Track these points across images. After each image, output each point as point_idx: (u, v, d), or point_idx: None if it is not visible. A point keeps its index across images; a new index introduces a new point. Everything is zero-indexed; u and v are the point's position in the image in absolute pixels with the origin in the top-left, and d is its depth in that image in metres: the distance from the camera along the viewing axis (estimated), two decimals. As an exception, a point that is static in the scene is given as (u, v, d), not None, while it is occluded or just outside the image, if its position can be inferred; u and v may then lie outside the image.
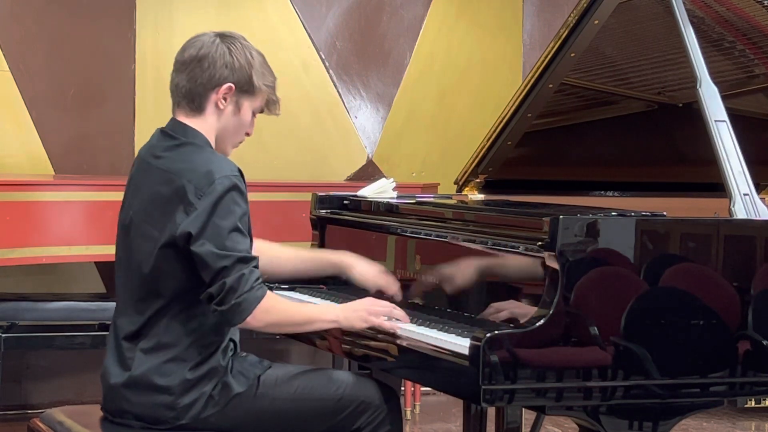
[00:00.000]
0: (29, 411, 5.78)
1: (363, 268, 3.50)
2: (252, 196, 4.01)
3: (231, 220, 3.01)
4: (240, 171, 3.09)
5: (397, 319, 3.20)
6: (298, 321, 3.18)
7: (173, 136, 3.14)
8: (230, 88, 3.12)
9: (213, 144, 3.16)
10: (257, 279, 3.03)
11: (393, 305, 3.25)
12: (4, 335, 5.12)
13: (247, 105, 3.16)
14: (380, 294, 3.42)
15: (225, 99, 3.13)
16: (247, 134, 3.23)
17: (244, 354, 3.22)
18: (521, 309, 3.01)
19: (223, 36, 3.15)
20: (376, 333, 3.24)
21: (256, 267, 3.04)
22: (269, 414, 3.13)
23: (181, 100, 3.15)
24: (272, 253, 3.52)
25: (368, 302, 3.24)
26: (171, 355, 3.06)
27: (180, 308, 3.07)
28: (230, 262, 2.98)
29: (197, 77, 3.11)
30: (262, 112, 3.23)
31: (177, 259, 3.03)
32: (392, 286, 3.44)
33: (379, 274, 3.48)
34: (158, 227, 3.05)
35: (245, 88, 3.14)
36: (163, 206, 3.05)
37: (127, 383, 3.08)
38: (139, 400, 3.07)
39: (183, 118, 3.15)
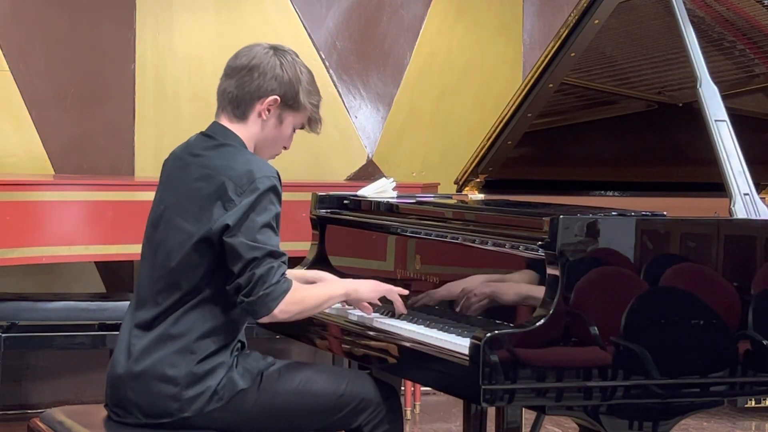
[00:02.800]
0: (29, 411, 5.78)
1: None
2: (252, 196, 4.04)
3: (265, 217, 3.08)
4: (278, 174, 3.15)
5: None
6: (317, 305, 3.22)
7: (212, 137, 3.21)
8: (276, 100, 3.19)
9: (251, 150, 3.23)
10: (284, 273, 3.08)
11: (393, 286, 3.33)
12: (4, 335, 5.12)
13: (290, 119, 3.24)
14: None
15: (269, 110, 3.20)
16: (285, 148, 3.30)
17: (248, 351, 3.25)
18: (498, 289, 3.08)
19: (276, 49, 3.22)
20: (374, 332, 3.24)
21: (285, 263, 3.10)
22: (271, 408, 3.15)
23: (226, 105, 3.22)
24: None
25: (372, 280, 3.34)
26: (179, 346, 3.09)
27: (196, 301, 3.11)
28: (261, 254, 3.04)
29: (245, 85, 3.18)
30: (303, 128, 3.30)
31: (207, 254, 3.09)
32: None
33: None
34: (193, 221, 3.10)
35: (290, 102, 3.21)
36: (200, 201, 3.11)
37: (135, 374, 3.10)
38: (144, 389, 3.09)
39: (225, 123, 3.22)
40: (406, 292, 3.32)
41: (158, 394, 3.08)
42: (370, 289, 3.29)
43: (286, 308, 3.07)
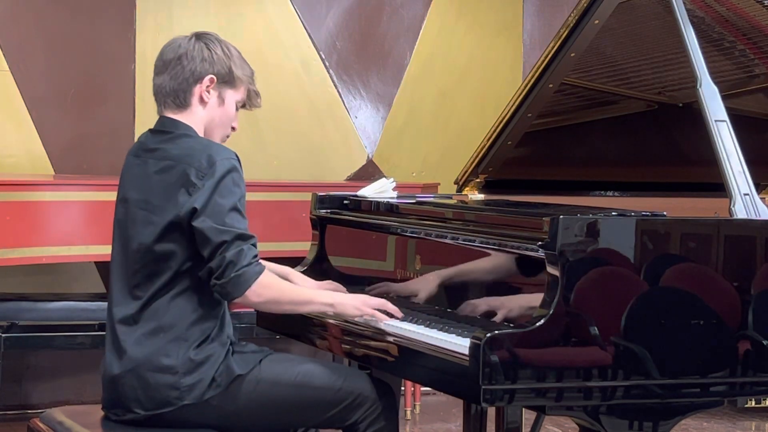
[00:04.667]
0: (29, 411, 5.78)
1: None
2: (252, 196, 3.99)
3: (231, 200, 3.10)
4: (237, 156, 3.17)
5: (391, 315, 3.26)
6: (295, 300, 3.23)
7: (164, 131, 3.23)
8: (212, 79, 3.22)
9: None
10: (255, 256, 3.11)
11: (386, 301, 3.30)
12: (4, 335, 5.12)
13: (230, 96, 3.26)
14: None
15: (208, 91, 3.22)
16: (233, 128, 3.32)
17: (244, 343, 3.26)
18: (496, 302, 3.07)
19: (198, 35, 3.26)
20: (374, 332, 3.24)
21: (254, 245, 3.12)
22: (269, 399, 3.16)
23: (166, 99, 3.24)
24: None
25: (363, 296, 3.33)
26: (172, 335, 3.10)
27: (179, 290, 3.12)
28: (230, 237, 3.06)
29: (179, 75, 3.21)
30: (244, 106, 3.32)
31: (180, 240, 3.10)
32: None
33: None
34: (158, 211, 3.12)
35: (226, 79, 3.24)
36: (164, 192, 3.12)
37: (129, 368, 3.11)
38: (141, 383, 3.10)
39: (171, 115, 3.24)
40: (388, 318, 3.25)
41: (156, 385, 3.08)
42: (355, 306, 3.26)
43: (258, 291, 3.09)
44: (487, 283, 3.21)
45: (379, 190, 3.87)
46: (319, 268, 3.86)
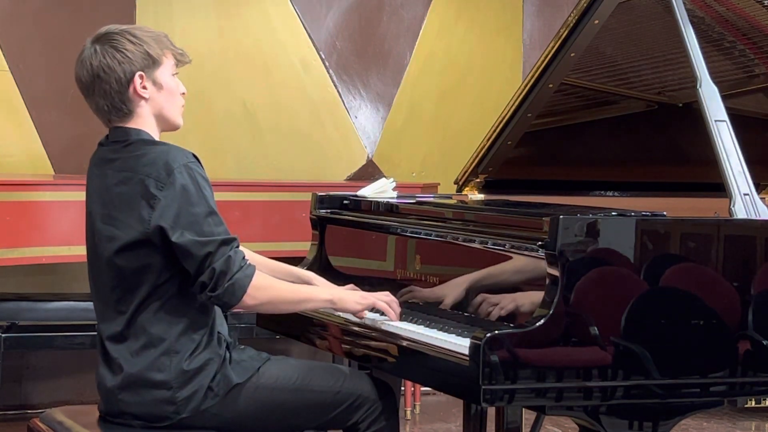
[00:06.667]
0: (29, 411, 5.78)
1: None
2: (252, 196, 4.02)
3: (203, 205, 3.03)
4: (195, 156, 3.11)
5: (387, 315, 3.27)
6: (293, 299, 3.19)
7: (118, 140, 3.16)
8: (141, 75, 3.11)
9: (158, 130, 3.17)
10: (243, 258, 3.06)
11: (396, 300, 3.28)
12: (4, 335, 5.12)
13: (163, 74, 3.15)
14: None
15: (144, 87, 3.12)
16: (183, 95, 3.22)
17: (242, 347, 3.23)
18: (512, 303, 3.05)
19: (99, 39, 3.13)
20: (374, 332, 3.24)
21: (238, 246, 3.06)
22: (269, 404, 3.14)
23: (110, 115, 3.17)
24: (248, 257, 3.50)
25: (361, 292, 3.31)
26: (163, 349, 3.06)
27: (161, 302, 3.06)
28: (214, 247, 3.00)
29: (107, 89, 3.12)
30: (178, 66, 3.21)
31: (152, 254, 3.04)
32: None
33: None
34: (122, 226, 3.06)
35: (149, 64, 3.12)
36: (124, 205, 3.06)
37: (123, 385, 3.08)
38: (137, 399, 3.07)
39: (121, 124, 3.17)
40: (392, 311, 3.26)
41: (152, 401, 3.06)
42: (355, 300, 3.25)
43: (254, 293, 3.04)
44: (488, 283, 3.21)
45: (379, 190, 3.87)
46: (319, 268, 3.86)
